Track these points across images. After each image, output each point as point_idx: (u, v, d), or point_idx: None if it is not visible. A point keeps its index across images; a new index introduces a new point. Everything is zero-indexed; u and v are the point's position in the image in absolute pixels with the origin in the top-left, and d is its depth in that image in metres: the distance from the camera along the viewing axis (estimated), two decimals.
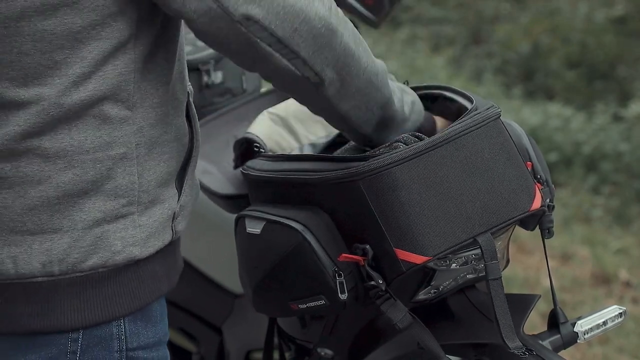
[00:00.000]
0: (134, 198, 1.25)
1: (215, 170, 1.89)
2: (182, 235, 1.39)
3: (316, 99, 1.31)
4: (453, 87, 1.53)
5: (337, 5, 2.15)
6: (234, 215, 1.53)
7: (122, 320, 1.27)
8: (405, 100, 1.43)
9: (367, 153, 1.38)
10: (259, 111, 1.82)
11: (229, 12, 1.17)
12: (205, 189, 1.79)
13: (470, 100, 1.46)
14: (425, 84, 1.60)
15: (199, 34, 1.22)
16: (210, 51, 2.10)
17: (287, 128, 1.62)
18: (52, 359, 1.25)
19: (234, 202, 1.75)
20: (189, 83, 1.39)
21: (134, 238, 1.25)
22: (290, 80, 1.26)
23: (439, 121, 1.51)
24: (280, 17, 1.19)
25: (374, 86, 1.32)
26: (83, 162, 1.20)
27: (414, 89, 1.61)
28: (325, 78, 1.26)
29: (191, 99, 1.37)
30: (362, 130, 1.38)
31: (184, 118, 1.33)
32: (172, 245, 1.35)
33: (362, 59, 1.29)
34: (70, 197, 1.21)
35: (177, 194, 1.32)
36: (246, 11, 1.17)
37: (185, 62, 1.35)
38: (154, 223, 1.28)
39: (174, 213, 1.31)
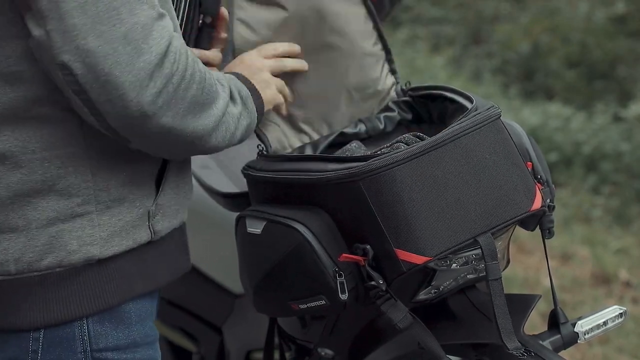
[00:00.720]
0: (89, 197, 1.24)
1: (214, 164, 1.88)
2: (177, 235, 1.38)
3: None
4: (453, 87, 1.53)
5: None
6: (235, 215, 1.52)
7: (84, 321, 1.26)
8: (237, 132, 1.34)
9: (368, 153, 1.38)
10: None
11: (52, 51, 1.12)
12: (205, 186, 1.79)
13: (470, 100, 1.46)
14: (425, 85, 1.60)
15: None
16: None
17: (295, 128, 1.62)
18: (16, 357, 1.26)
19: (234, 200, 1.75)
20: None
21: (91, 237, 1.24)
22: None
23: None
24: (100, 82, 1.12)
25: (195, 145, 1.26)
26: (30, 161, 1.21)
27: (415, 89, 1.61)
28: (132, 142, 1.22)
29: None
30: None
31: None
32: (155, 245, 1.33)
33: (186, 129, 1.22)
34: (22, 197, 1.21)
35: (153, 193, 1.30)
36: (67, 61, 1.12)
37: None
38: (119, 222, 1.26)
39: (149, 212, 1.29)
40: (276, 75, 1.51)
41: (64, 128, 1.21)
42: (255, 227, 1.43)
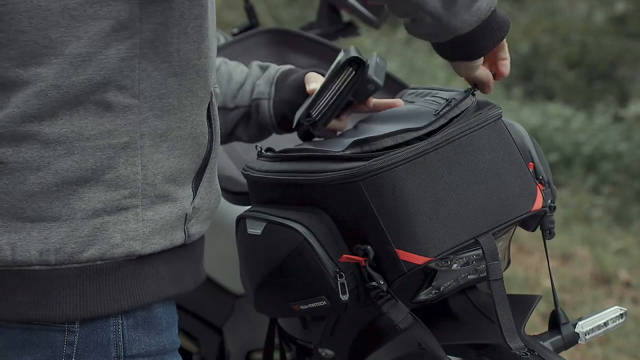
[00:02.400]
0: (137, 190, 1.23)
1: (226, 157, 1.88)
2: (201, 243, 1.37)
3: None
4: (453, 88, 1.53)
5: (338, 5, 2.16)
6: (235, 216, 1.52)
7: (120, 326, 1.25)
8: None
9: (369, 153, 1.37)
10: (246, 51, 1.81)
11: None
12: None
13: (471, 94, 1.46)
14: (425, 86, 1.60)
15: None
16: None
17: None
18: None
19: (243, 197, 1.75)
20: (216, 85, 1.37)
21: (135, 232, 1.23)
22: None
23: None
24: None
25: None
26: (83, 149, 1.19)
27: (415, 89, 1.61)
28: None
29: (215, 100, 1.34)
30: (429, 7, 1.32)
31: (204, 117, 1.31)
32: (186, 249, 1.32)
33: None
34: (69, 185, 1.19)
35: (191, 195, 1.30)
36: None
37: (213, 61, 1.32)
38: (161, 220, 1.25)
39: (187, 214, 1.29)
40: None
41: (123, 117, 1.20)
42: (255, 228, 1.43)
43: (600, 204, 4.59)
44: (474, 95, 1.43)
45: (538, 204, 1.38)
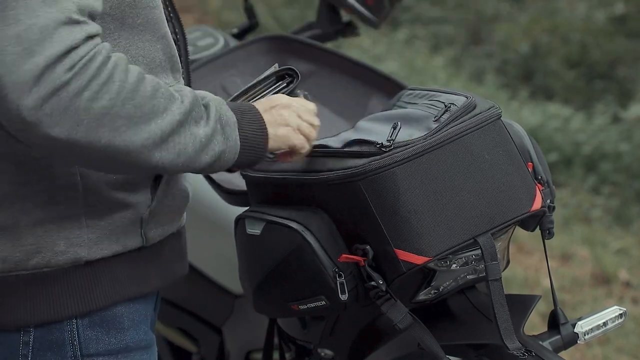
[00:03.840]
0: (77, 200, 1.23)
1: None
2: (173, 241, 1.36)
3: None
4: (452, 89, 1.53)
5: (338, 5, 2.16)
6: (234, 216, 1.52)
7: (74, 326, 1.26)
8: (201, 157, 1.23)
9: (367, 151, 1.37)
10: (247, 58, 1.80)
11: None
12: (210, 181, 1.78)
13: (466, 97, 1.45)
14: (424, 87, 1.59)
15: None
16: (212, 51, 2.10)
17: None
18: None
19: (239, 197, 1.75)
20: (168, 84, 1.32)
21: (79, 238, 1.24)
22: None
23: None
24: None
25: (122, 162, 1.16)
26: (19, 162, 1.20)
27: (413, 89, 1.61)
28: (32, 149, 1.19)
29: None
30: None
31: None
32: (148, 251, 1.32)
33: (97, 142, 1.12)
34: (10, 196, 1.21)
35: (149, 200, 1.29)
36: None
37: (169, 63, 1.30)
38: (109, 226, 1.26)
39: (142, 218, 1.29)
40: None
41: None
42: (254, 229, 1.43)
43: (600, 204, 4.59)
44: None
45: (537, 204, 1.38)
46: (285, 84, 1.42)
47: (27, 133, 1.09)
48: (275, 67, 1.43)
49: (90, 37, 1.10)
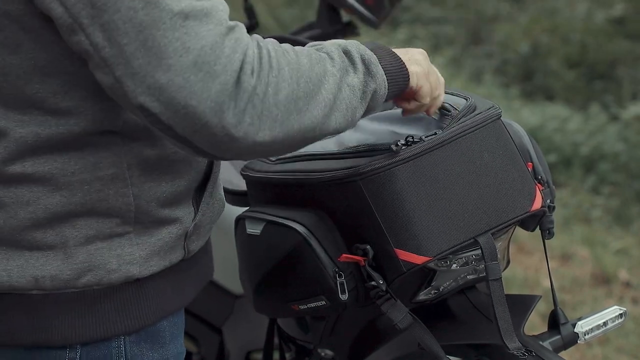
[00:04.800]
0: (130, 219, 1.21)
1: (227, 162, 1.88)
2: (204, 247, 1.35)
3: None
4: (452, 90, 1.53)
5: (338, 5, 2.16)
6: (234, 216, 1.52)
7: (122, 342, 1.24)
8: (362, 103, 1.24)
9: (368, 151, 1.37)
10: None
11: (127, 96, 1.08)
12: None
13: (466, 99, 1.45)
14: None
15: None
16: None
17: None
18: None
19: (242, 198, 1.75)
20: None
21: (131, 256, 1.22)
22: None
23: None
24: (180, 115, 1.07)
25: (309, 138, 1.18)
26: (70, 183, 1.17)
27: None
28: (246, 159, 1.20)
29: None
30: None
31: None
32: (187, 262, 1.31)
33: (291, 130, 1.14)
34: (60, 218, 1.18)
35: (192, 213, 1.27)
36: (144, 102, 1.07)
37: None
38: (158, 242, 1.24)
39: (187, 232, 1.27)
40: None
41: (106, 149, 1.18)
42: (254, 228, 1.43)
43: (600, 204, 4.59)
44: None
45: (537, 204, 1.38)
46: None
47: (236, 149, 1.11)
48: None
49: (246, 36, 1.12)
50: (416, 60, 1.34)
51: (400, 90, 1.31)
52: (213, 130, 1.08)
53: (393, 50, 1.32)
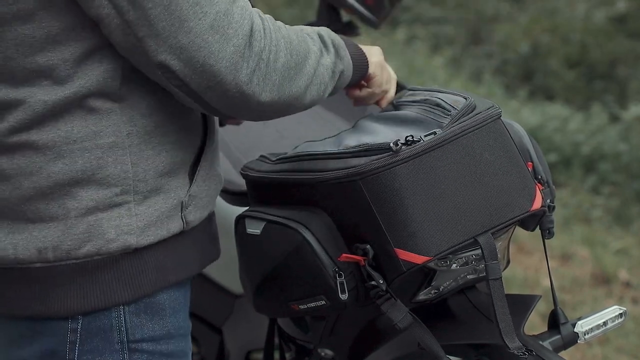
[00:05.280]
0: (128, 187, 1.26)
1: (223, 158, 1.88)
2: (206, 225, 1.39)
3: None
4: (452, 90, 1.53)
5: (338, 5, 2.16)
6: (234, 216, 1.52)
7: (121, 312, 1.28)
8: (331, 82, 1.38)
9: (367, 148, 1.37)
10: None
11: (148, 55, 1.19)
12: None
13: (465, 99, 1.45)
14: (424, 87, 1.59)
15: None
16: None
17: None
18: (53, 349, 1.27)
19: (241, 198, 1.75)
20: None
21: (129, 227, 1.26)
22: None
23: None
24: (197, 72, 1.19)
25: (293, 106, 1.32)
26: (71, 151, 1.23)
27: (413, 89, 1.61)
28: (242, 118, 1.31)
29: None
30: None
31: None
32: (187, 235, 1.34)
33: (283, 95, 1.28)
34: (62, 187, 1.23)
35: (187, 184, 1.32)
36: (164, 60, 1.19)
37: None
38: (155, 212, 1.28)
39: (182, 202, 1.31)
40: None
41: (108, 119, 1.23)
42: (254, 228, 1.43)
43: (600, 204, 4.59)
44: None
45: (537, 204, 1.38)
46: None
47: (244, 104, 1.24)
48: None
49: (249, 6, 1.25)
50: (374, 53, 1.52)
51: (362, 75, 1.48)
52: (227, 87, 1.21)
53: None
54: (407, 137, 1.32)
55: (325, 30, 1.39)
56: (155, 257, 1.30)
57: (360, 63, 1.47)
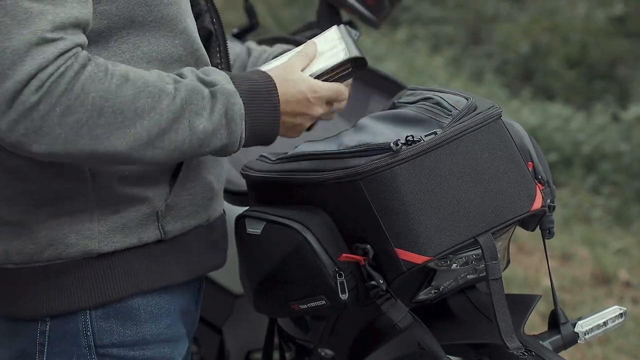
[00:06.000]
0: (88, 195, 1.25)
1: (227, 162, 1.88)
2: (201, 233, 1.38)
3: None
4: (452, 89, 1.53)
5: (338, 5, 2.16)
6: (235, 216, 1.52)
7: (88, 317, 1.28)
8: (204, 147, 1.24)
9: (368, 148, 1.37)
10: None
11: None
12: None
13: (466, 99, 1.45)
14: (424, 87, 1.59)
15: None
16: None
17: None
18: (24, 350, 1.28)
19: (239, 197, 1.75)
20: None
21: (90, 231, 1.26)
22: None
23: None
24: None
25: (116, 159, 1.19)
26: (30, 161, 1.22)
27: (413, 89, 1.61)
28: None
29: None
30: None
31: None
32: (168, 244, 1.33)
33: (81, 151, 1.15)
34: (23, 192, 1.24)
35: (166, 193, 1.31)
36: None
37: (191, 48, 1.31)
38: (121, 219, 1.27)
39: (158, 212, 1.30)
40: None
41: None
42: (254, 228, 1.43)
43: (600, 204, 4.59)
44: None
45: (537, 204, 1.38)
46: (350, 69, 1.43)
47: (13, 150, 1.14)
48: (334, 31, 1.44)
49: (62, 54, 1.12)
50: (300, 110, 1.33)
51: (261, 142, 1.31)
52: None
53: (278, 95, 1.29)
54: (407, 136, 1.31)
55: (227, 93, 1.23)
56: (125, 262, 1.29)
57: (264, 132, 1.29)
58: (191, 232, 1.36)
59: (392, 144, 1.30)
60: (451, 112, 1.37)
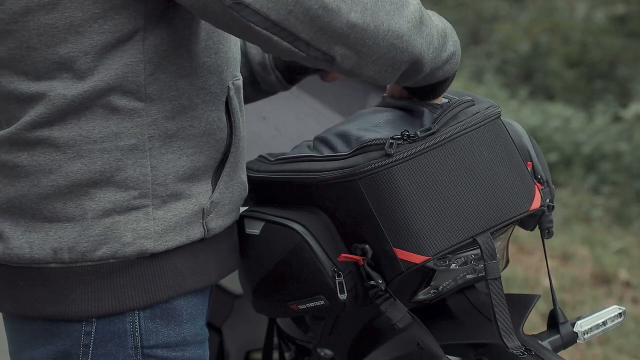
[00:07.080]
0: (147, 191, 1.24)
1: None
2: (229, 234, 1.38)
3: (335, 70, 1.25)
4: (450, 89, 1.53)
5: None
6: None
7: (136, 317, 1.27)
8: (443, 53, 1.32)
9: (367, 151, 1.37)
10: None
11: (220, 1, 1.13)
12: None
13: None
14: None
15: (202, 19, 1.21)
16: None
17: None
18: (66, 351, 1.26)
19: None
20: (238, 77, 1.36)
21: (146, 231, 1.25)
22: (300, 59, 1.22)
23: None
24: None
25: (398, 49, 1.23)
26: (91, 151, 1.22)
27: None
28: (335, 55, 1.20)
29: (234, 93, 1.34)
30: (384, 83, 1.31)
31: (222, 112, 1.31)
32: (208, 243, 1.33)
33: (381, 26, 1.19)
34: (80, 187, 1.22)
35: (210, 190, 1.31)
36: None
37: (227, 55, 1.33)
38: (174, 217, 1.27)
39: (204, 209, 1.30)
40: None
41: (130, 120, 1.22)
42: (253, 228, 1.43)
43: (600, 204, 4.59)
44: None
45: (536, 204, 1.37)
46: None
47: (329, 24, 1.15)
48: None
49: None
50: None
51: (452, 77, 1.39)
52: (309, 3, 1.13)
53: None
54: (402, 131, 1.31)
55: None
56: (173, 263, 1.28)
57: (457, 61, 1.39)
58: (222, 232, 1.36)
59: (386, 147, 1.29)
60: (448, 108, 1.37)
